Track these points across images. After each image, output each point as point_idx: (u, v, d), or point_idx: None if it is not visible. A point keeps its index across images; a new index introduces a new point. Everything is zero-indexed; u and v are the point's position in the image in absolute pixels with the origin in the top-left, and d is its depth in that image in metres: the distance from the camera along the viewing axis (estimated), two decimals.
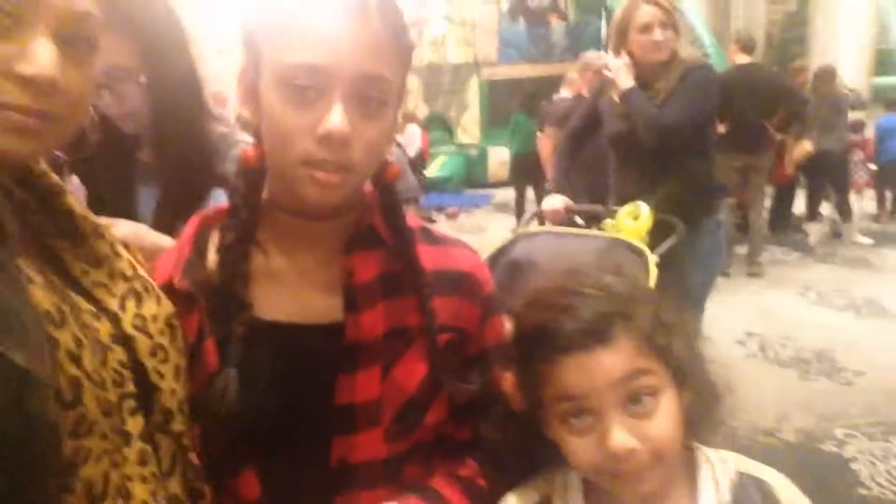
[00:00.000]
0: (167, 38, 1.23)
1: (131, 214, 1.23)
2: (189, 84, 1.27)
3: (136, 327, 0.67)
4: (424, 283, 0.81)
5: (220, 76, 1.47)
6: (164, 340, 0.70)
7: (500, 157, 10.22)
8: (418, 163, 8.17)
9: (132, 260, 0.73)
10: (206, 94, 1.34)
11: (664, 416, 0.71)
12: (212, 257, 0.80)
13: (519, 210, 7.06)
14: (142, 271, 0.73)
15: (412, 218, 0.86)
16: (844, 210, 6.48)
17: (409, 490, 0.80)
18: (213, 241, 0.81)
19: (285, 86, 0.71)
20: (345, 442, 0.78)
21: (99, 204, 1.23)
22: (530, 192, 6.85)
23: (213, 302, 0.78)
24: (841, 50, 9.09)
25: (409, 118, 8.45)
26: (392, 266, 0.82)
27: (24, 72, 0.56)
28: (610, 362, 0.70)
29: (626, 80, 2.33)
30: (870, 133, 7.21)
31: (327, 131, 0.70)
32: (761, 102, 5.02)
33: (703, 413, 0.76)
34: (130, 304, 0.68)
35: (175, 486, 0.69)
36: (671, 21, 2.29)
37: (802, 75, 6.46)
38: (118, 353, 0.63)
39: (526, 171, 6.89)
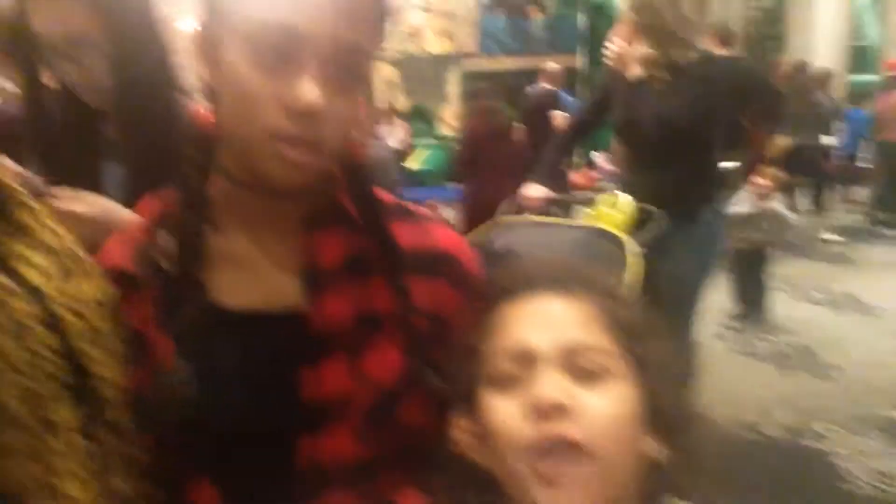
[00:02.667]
0: (130, 5, 1.15)
1: (97, 192, 1.16)
2: (156, 56, 1.21)
3: (67, 308, 0.60)
4: (397, 260, 0.73)
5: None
6: (101, 323, 0.63)
7: None
8: (400, 157, 8.07)
9: (62, 233, 0.65)
10: (177, 69, 1.26)
11: (610, 400, 0.60)
12: (165, 239, 0.72)
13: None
14: (73, 245, 0.65)
15: (385, 193, 0.78)
16: (816, 205, 6.53)
17: None
18: (168, 221, 0.73)
19: (251, 45, 0.62)
20: (312, 442, 0.70)
21: (62, 180, 1.16)
22: None
23: (166, 286, 0.70)
24: (817, 47, 9.16)
25: (391, 111, 8.35)
26: (360, 245, 0.73)
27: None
28: (563, 315, 0.63)
29: (635, 69, 2.32)
30: None
31: (298, 104, 0.62)
32: (736, 97, 5.01)
33: (676, 463, 0.62)
34: (57, 280, 0.61)
35: (120, 483, 0.63)
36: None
37: (780, 70, 6.47)
38: (44, 336, 0.56)
39: None
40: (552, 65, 6.42)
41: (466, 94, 5.84)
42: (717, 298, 4.60)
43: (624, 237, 1.86)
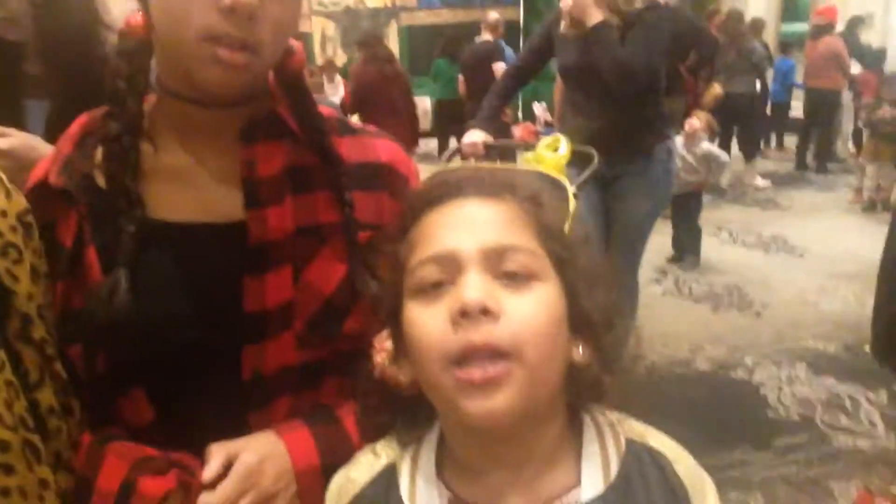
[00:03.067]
0: None
1: (20, 129, 1.11)
2: None
3: None
4: (340, 173, 0.74)
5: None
6: (17, 239, 0.62)
7: (422, 107, 10.07)
8: (344, 113, 7.92)
9: None
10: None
11: (536, 303, 0.58)
12: (97, 156, 0.71)
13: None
14: None
15: (325, 108, 0.78)
16: (748, 152, 6.73)
17: (310, 415, 0.74)
18: (100, 136, 0.72)
19: None
20: (256, 351, 0.71)
21: None
22: (454, 141, 6.79)
23: (98, 200, 0.69)
24: None
25: (330, 66, 8.18)
26: (301, 158, 0.74)
27: None
28: (486, 217, 0.60)
29: (595, 14, 2.33)
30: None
31: (232, 0, 0.61)
32: (675, 45, 5.10)
33: (601, 359, 0.62)
34: None
35: (47, 397, 0.64)
36: None
37: (716, 19, 6.59)
38: None
39: (449, 119, 6.80)
40: (493, 14, 6.37)
41: (357, 43, 5.86)
42: (654, 241, 4.76)
43: (563, 180, 1.90)
